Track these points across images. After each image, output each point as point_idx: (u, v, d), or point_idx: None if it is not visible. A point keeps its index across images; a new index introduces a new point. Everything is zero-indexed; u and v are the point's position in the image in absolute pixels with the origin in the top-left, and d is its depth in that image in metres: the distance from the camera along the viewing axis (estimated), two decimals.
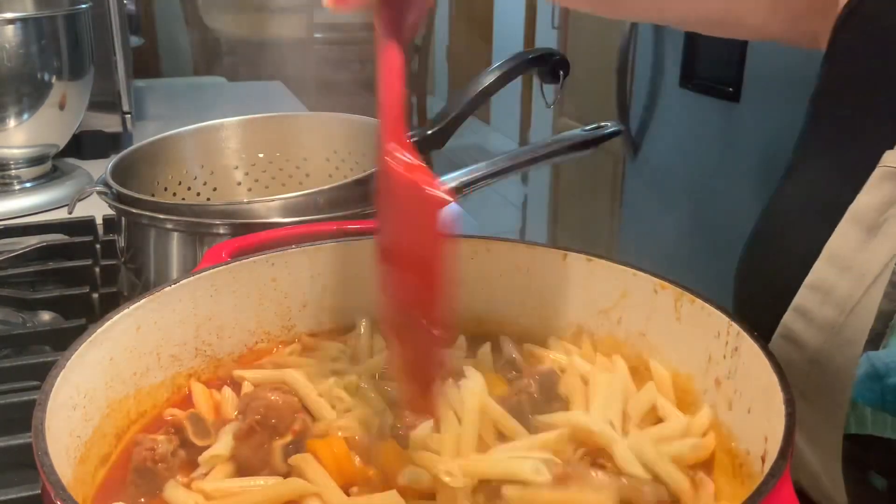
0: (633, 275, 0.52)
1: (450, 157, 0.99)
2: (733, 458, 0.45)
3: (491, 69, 0.90)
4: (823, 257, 0.51)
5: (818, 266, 0.51)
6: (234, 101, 1.85)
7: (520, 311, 0.58)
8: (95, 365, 0.45)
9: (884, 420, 0.49)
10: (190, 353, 0.53)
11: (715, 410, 0.48)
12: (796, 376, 0.46)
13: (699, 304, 0.48)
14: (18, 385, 0.66)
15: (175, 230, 0.71)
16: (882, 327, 0.48)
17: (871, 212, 0.50)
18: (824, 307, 0.51)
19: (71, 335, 0.48)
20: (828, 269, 0.51)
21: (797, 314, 0.52)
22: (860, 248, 0.50)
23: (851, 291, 0.49)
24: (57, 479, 0.35)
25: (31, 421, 0.38)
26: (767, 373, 0.41)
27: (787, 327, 0.53)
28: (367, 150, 0.88)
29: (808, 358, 0.52)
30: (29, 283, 0.86)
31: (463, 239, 0.57)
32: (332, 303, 0.58)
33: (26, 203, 1.11)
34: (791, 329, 0.52)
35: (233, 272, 0.54)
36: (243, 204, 0.71)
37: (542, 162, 0.91)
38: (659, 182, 2.06)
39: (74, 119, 1.19)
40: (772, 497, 0.33)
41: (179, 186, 0.87)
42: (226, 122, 0.91)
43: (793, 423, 0.37)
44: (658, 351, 0.52)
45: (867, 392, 0.49)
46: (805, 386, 0.49)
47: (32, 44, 1.07)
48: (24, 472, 0.56)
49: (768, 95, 1.70)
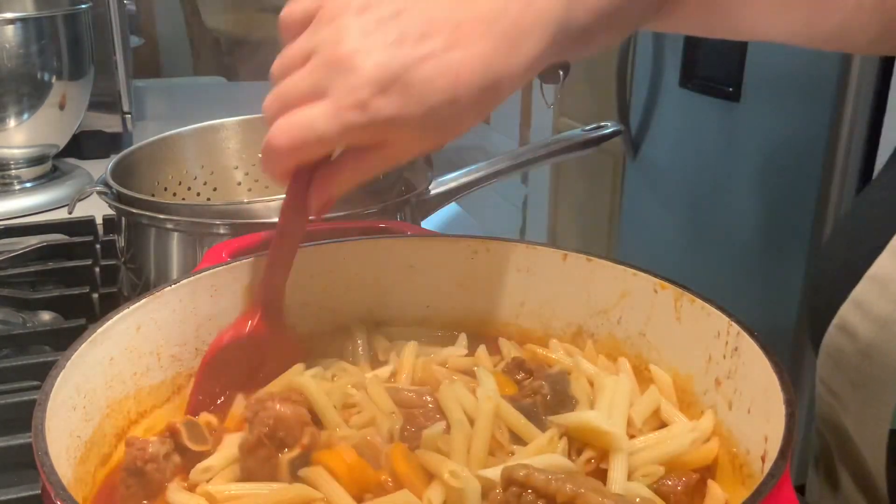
0: (633, 275, 0.52)
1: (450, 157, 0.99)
2: (733, 457, 0.45)
3: None
4: (888, 250, 0.51)
5: (881, 259, 0.51)
6: (234, 101, 1.84)
7: (520, 311, 0.58)
8: (95, 365, 0.45)
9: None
10: (190, 353, 0.53)
11: (715, 410, 0.48)
12: (847, 366, 0.46)
13: (699, 304, 0.48)
14: (18, 385, 0.66)
15: (175, 230, 0.71)
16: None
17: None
18: (881, 300, 0.51)
19: (71, 335, 0.48)
20: (890, 263, 0.51)
21: (854, 305, 0.52)
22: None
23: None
24: (57, 480, 0.35)
25: (31, 421, 0.38)
26: (767, 373, 0.41)
27: (842, 318, 0.53)
28: None
29: (860, 350, 0.52)
30: (29, 283, 0.86)
31: (463, 239, 0.57)
32: (332, 303, 0.58)
33: (26, 203, 1.11)
34: (846, 320, 0.53)
35: (233, 272, 0.54)
36: (243, 204, 0.71)
37: (542, 162, 0.91)
38: (659, 182, 2.06)
39: (74, 119, 1.19)
40: (772, 497, 0.33)
41: (179, 186, 0.87)
42: (226, 122, 0.91)
43: (793, 423, 0.37)
44: (658, 351, 0.52)
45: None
46: (855, 376, 0.50)
47: (32, 44, 1.07)
48: (24, 472, 0.56)
49: (768, 95, 1.70)
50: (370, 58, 0.44)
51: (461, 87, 0.44)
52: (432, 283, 0.58)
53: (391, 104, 0.44)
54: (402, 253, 0.58)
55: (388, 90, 0.44)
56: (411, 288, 0.58)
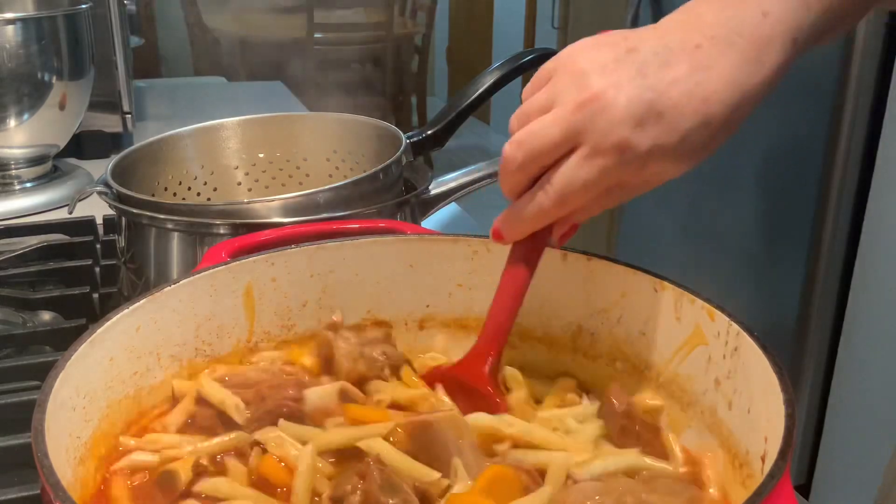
0: (633, 275, 0.52)
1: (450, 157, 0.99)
2: (733, 458, 0.45)
3: (491, 69, 0.90)
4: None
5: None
6: (234, 101, 1.84)
7: (519, 310, 0.58)
8: (95, 365, 0.45)
9: None
10: (190, 353, 0.53)
11: (715, 410, 0.48)
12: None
13: (699, 303, 0.48)
14: (18, 385, 0.66)
15: (175, 230, 0.71)
16: None
17: None
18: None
19: (71, 335, 0.48)
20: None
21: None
22: None
23: None
24: (56, 481, 0.35)
25: (31, 421, 0.38)
26: (767, 373, 0.41)
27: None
28: (367, 151, 0.88)
29: None
30: (29, 283, 0.86)
31: (463, 239, 0.57)
32: (332, 303, 0.58)
33: (26, 203, 1.11)
34: None
35: (233, 272, 0.54)
36: (243, 204, 0.71)
37: None
38: None
39: (74, 119, 1.19)
40: (772, 497, 0.33)
41: (179, 186, 0.87)
42: (226, 122, 0.90)
43: (792, 423, 0.37)
44: (658, 351, 0.52)
45: None
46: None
47: (32, 44, 1.07)
48: (24, 472, 0.56)
49: (768, 95, 1.70)
50: (621, 92, 0.44)
51: (712, 107, 0.44)
52: (432, 283, 0.58)
53: (647, 137, 0.44)
54: (402, 253, 0.58)
55: (644, 123, 0.44)
56: (411, 288, 0.58)
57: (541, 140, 0.45)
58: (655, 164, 0.46)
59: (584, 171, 0.45)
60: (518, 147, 0.46)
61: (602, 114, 0.44)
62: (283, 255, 0.55)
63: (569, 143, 0.45)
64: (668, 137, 0.44)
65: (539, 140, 0.45)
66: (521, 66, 0.91)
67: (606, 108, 0.44)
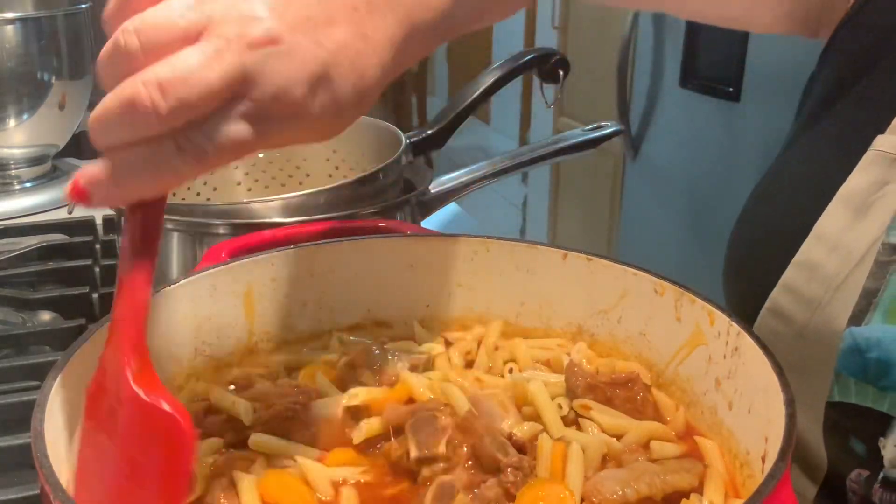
0: (633, 275, 0.52)
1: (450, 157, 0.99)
2: (733, 458, 0.45)
3: (491, 69, 0.90)
4: (812, 236, 0.53)
5: (807, 245, 0.53)
6: None
7: (520, 310, 0.58)
8: (95, 365, 0.45)
9: (865, 391, 0.51)
10: (190, 353, 0.53)
11: (715, 411, 0.48)
12: (783, 349, 0.47)
13: (699, 303, 0.48)
14: (18, 385, 0.66)
15: (175, 230, 0.71)
16: (865, 304, 0.50)
17: (861, 193, 0.52)
18: (811, 284, 0.53)
19: (71, 335, 0.48)
20: (816, 248, 0.53)
21: (785, 290, 0.54)
22: (848, 229, 0.52)
23: (838, 270, 0.52)
24: (56, 481, 0.34)
25: (31, 421, 0.38)
26: (767, 373, 0.41)
27: (775, 302, 0.55)
28: (367, 150, 0.88)
29: (794, 332, 0.54)
30: (29, 283, 0.86)
31: (463, 239, 0.57)
32: (332, 303, 0.58)
33: (26, 203, 1.11)
34: (779, 304, 0.55)
35: (233, 272, 0.54)
36: (243, 204, 0.71)
37: (542, 162, 0.91)
38: (659, 182, 2.06)
39: (74, 119, 1.19)
40: (772, 498, 0.33)
41: (179, 186, 0.87)
42: None
43: (793, 423, 0.37)
44: (658, 351, 0.52)
45: (850, 365, 0.51)
46: (791, 357, 0.50)
47: (32, 44, 1.07)
48: (24, 472, 0.56)
49: (768, 95, 1.70)
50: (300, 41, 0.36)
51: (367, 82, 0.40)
52: (432, 283, 0.58)
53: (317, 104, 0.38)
54: (402, 253, 0.58)
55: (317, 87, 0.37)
56: (411, 288, 0.58)
57: (198, 88, 0.34)
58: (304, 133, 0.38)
59: (244, 131, 0.36)
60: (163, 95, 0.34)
61: (278, 62, 0.35)
62: (283, 255, 0.55)
63: (230, 92, 0.35)
64: (331, 106, 0.38)
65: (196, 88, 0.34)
66: (521, 66, 0.91)
67: (284, 57, 0.35)
